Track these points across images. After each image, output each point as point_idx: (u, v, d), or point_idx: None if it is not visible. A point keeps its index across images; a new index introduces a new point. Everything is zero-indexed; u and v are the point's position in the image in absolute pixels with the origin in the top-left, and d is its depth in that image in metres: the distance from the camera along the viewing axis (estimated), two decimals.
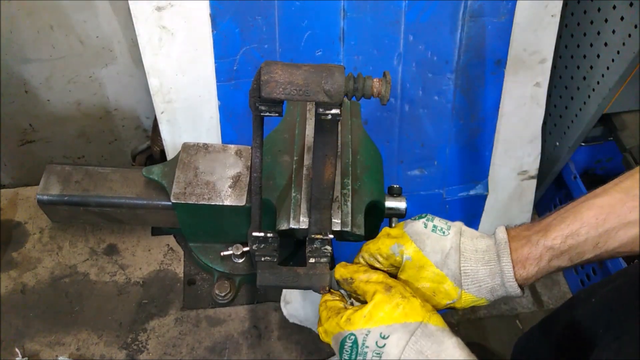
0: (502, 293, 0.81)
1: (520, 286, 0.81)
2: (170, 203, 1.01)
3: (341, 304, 0.80)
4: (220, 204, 1.00)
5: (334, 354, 1.07)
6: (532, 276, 0.80)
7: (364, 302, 0.79)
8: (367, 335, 0.73)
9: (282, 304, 1.04)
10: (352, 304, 0.82)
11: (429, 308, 0.75)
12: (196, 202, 0.99)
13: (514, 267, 0.79)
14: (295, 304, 1.02)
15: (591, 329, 1.05)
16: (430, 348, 0.72)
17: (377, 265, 0.87)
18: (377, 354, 0.72)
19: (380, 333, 0.72)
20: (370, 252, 0.88)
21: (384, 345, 0.72)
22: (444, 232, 0.83)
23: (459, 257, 0.81)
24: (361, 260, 0.90)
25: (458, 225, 0.86)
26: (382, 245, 0.86)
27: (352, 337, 0.74)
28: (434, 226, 0.84)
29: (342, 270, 0.83)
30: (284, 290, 1.05)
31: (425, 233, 0.83)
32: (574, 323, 1.15)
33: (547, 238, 0.79)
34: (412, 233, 0.84)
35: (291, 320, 1.03)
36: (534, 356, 1.30)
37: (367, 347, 0.73)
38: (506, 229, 0.83)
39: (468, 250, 0.82)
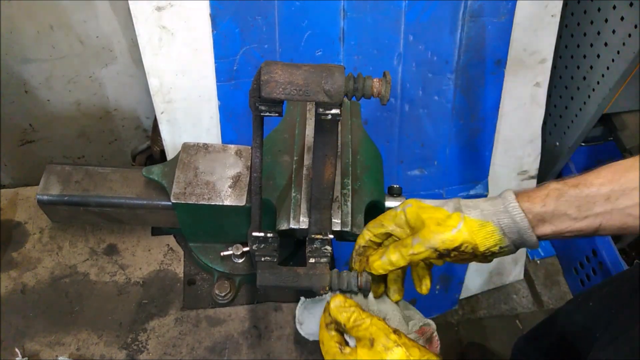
0: (509, 221, 0.77)
1: (528, 218, 0.77)
2: (170, 203, 1.01)
3: (336, 348, 0.79)
4: (220, 204, 1.00)
5: None
6: (537, 212, 0.77)
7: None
8: None
9: (297, 326, 1.06)
10: (347, 343, 0.82)
11: (415, 357, 0.74)
12: (196, 202, 0.99)
13: (517, 198, 0.77)
14: (310, 324, 1.03)
15: (590, 330, 1.05)
16: None
17: (382, 230, 0.87)
18: None
19: None
20: (374, 222, 0.88)
21: None
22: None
23: (458, 200, 0.82)
24: (366, 234, 0.88)
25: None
26: (385, 213, 0.88)
27: None
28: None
29: (334, 310, 0.81)
30: (297, 312, 1.06)
31: (422, 199, 0.86)
32: (572, 324, 1.16)
33: (557, 182, 0.78)
34: (409, 198, 0.87)
35: (311, 339, 1.04)
36: (534, 357, 1.30)
37: None
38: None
39: (467, 201, 0.83)
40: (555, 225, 0.77)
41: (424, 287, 0.88)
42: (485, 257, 0.80)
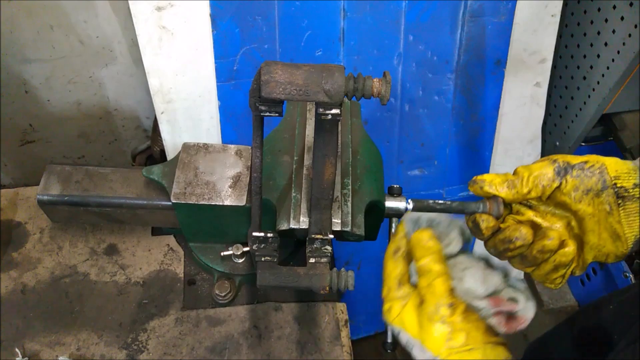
0: None
1: None
2: (170, 203, 1.01)
3: (394, 281, 0.74)
4: (220, 204, 1.00)
5: (334, 356, 1.07)
6: None
7: None
8: (399, 333, 0.73)
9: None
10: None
11: (456, 342, 0.66)
12: (196, 202, 0.99)
13: None
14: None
15: (608, 333, 1.04)
16: None
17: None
18: (408, 350, 0.72)
19: (407, 340, 0.71)
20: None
21: (411, 350, 0.71)
22: None
23: None
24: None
25: None
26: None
27: (390, 325, 0.73)
28: None
29: (414, 241, 0.73)
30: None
31: None
32: (592, 327, 1.14)
33: None
34: None
35: None
36: (554, 353, 1.27)
37: (400, 338, 0.73)
38: None
39: None
40: None
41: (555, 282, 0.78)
42: (617, 196, 0.69)
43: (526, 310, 0.77)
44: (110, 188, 1.06)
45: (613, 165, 0.71)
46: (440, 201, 0.85)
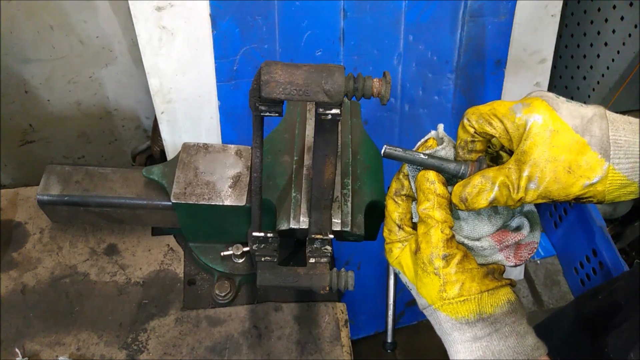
0: None
1: None
2: (170, 203, 1.01)
3: (393, 223, 0.74)
4: (220, 204, 1.00)
5: (334, 356, 1.07)
6: None
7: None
8: (398, 273, 0.75)
9: None
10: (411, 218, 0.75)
11: (449, 295, 0.65)
12: (196, 202, 0.99)
13: None
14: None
15: (596, 322, 1.05)
16: (439, 330, 0.71)
17: (488, 130, 0.68)
18: (408, 289, 0.75)
19: (405, 282, 0.74)
20: (480, 113, 0.69)
21: (410, 291, 0.73)
22: (581, 105, 0.66)
23: (606, 124, 0.62)
24: (469, 128, 0.70)
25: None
26: (499, 106, 0.68)
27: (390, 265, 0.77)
28: (568, 100, 0.67)
29: (421, 179, 0.69)
30: None
31: (560, 100, 0.66)
32: (579, 318, 1.16)
33: None
34: (543, 96, 0.67)
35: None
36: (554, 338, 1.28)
37: (400, 278, 0.76)
38: None
39: (618, 120, 0.63)
40: None
41: None
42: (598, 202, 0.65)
43: (533, 235, 0.72)
44: (110, 188, 1.06)
45: (611, 198, 0.66)
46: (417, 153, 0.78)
